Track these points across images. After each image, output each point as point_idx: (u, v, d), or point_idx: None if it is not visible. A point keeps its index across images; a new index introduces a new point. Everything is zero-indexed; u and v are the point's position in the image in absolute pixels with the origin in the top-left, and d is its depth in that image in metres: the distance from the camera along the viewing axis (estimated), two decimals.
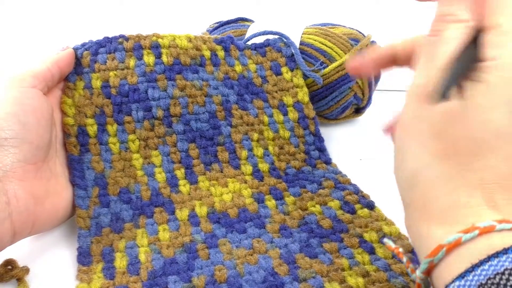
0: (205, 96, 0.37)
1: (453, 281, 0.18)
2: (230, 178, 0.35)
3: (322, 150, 0.39)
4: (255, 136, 0.37)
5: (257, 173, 0.36)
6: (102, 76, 0.34)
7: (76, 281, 0.28)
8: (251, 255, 0.29)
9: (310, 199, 0.34)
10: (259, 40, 0.42)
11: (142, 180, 0.33)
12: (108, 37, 0.35)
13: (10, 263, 0.28)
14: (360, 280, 0.27)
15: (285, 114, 0.39)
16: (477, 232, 0.19)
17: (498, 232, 0.19)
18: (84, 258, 0.29)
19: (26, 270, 0.28)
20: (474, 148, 0.20)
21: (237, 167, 0.36)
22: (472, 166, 0.20)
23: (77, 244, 0.30)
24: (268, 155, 0.37)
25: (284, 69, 0.41)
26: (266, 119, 0.38)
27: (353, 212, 0.33)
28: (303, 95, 0.40)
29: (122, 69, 0.35)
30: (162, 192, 0.33)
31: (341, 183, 0.35)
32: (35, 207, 0.27)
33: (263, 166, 0.36)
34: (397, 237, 0.30)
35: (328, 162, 0.39)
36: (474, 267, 0.18)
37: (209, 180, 0.34)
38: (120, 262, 0.29)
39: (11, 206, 0.26)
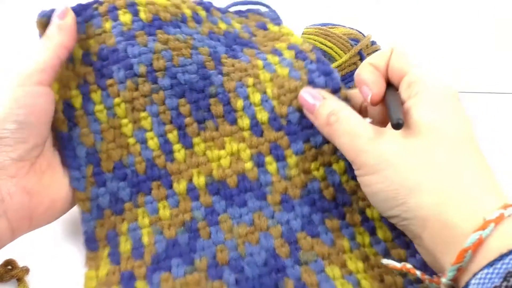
0: (191, 49, 0.33)
1: (481, 269, 0.19)
2: (227, 136, 0.32)
3: (328, 74, 0.32)
4: (250, 81, 0.33)
5: (255, 127, 0.32)
6: (82, 45, 0.32)
7: (84, 268, 0.28)
8: (252, 233, 0.29)
9: (313, 158, 0.31)
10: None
11: (134, 149, 0.31)
12: (81, 4, 0.33)
13: (10, 263, 0.28)
14: (360, 265, 0.28)
15: (280, 55, 0.34)
16: (493, 225, 0.20)
17: (509, 218, 0.20)
18: (90, 243, 0.29)
19: (26, 270, 0.28)
20: (447, 161, 0.23)
21: (233, 121, 0.32)
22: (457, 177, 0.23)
23: (82, 229, 0.30)
24: (266, 100, 0.32)
25: (270, 25, 0.38)
26: (260, 62, 0.33)
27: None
28: (296, 39, 0.36)
29: (100, 34, 0.32)
30: (156, 162, 0.31)
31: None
32: (30, 202, 0.27)
33: (262, 116, 0.32)
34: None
35: (336, 89, 0.31)
36: (502, 256, 0.19)
37: (205, 141, 0.32)
38: (124, 246, 0.29)
39: (6, 204, 0.26)
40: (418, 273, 0.24)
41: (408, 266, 0.24)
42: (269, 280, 0.28)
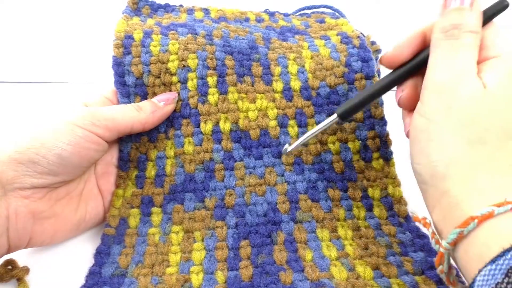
0: (246, 33, 0.37)
1: (485, 266, 0.19)
2: (260, 93, 0.34)
3: (366, 60, 0.34)
4: (292, 56, 0.35)
5: (287, 92, 0.34)
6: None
7: (115, 188, 0.32)
8: (260, 185, 0.32)
9: (332, 132, 0.34)
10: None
11: (175, 89, 0.34)
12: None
13: (10, 263, 0.28)
14: (349, 233, 0.31)
15: (327, 39, 0.37)
16: (510, 206, 0.20)
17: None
18: (124, 163, 0.33)
19: (26, 270, 0.28)
20: (504, 133, 0.22)
21: (269, 83, 0.34)
22: (506, 149, 0.22)
23: (119, 148, 0.33)
24: (302, 72, 0.35)
25: (327, 19, 0.41)
26: (306, 44, 0.37)
27: (369, 160, 0.33)
28: (348, 28, 0.39)
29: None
30: (190, 102, 0.33)
31: (371, 118, 0.34)
32: (33, 226, 0.27)
33: (295, 84, 0.34)
34: (397, 201, 0.32)
35: (369, 75, 0.34)
36: (505, 252, 0.19)
37: (239, 92, 0.34)
38: (150, 171, 0.33)
39: (10, 222, 0.26)
40: (430, 230, 0.24)
41: (427, 221, 0.24)
42: (265, 230, 0.30)
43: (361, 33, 0.45)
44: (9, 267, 0.28)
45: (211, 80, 0.34)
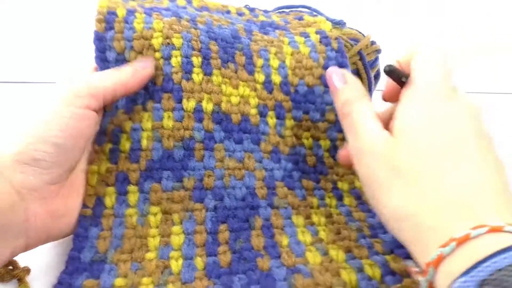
0: (229, 23, 0.37)
1: (460, 276, 0.19)
2: (242, 81, 0.35)
3: (342, 66, 0.36)
4: (273, 50, 0.36)
5: (268, 84, 0.35)
6: None
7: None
8: (240, 169, 0.32)
9: (306, 129, 0.36)
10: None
11: (158, 64, 0.32)
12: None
13: (11, 263, 0.28)
14: (322, 219, 0.32)
15: (307, 37, 0.38)
16: (454, 243, 0.20)
17: (477, 238, 0.20)
18: (100, 136, 0.31)
19: (27, 270, 0.28)
20: (432, 169, 0.23)
21: (251, 73, 0.35)
22: (441, 184, 0.22)
23: (101, 125, 0.31)
24: (283, 68, 0.36)
25: (305, 16, 0.42)
26: (286, 39, 0.38)
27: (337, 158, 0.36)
28: (326, 26, 0.39)
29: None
30: (173, 77, 0.32)
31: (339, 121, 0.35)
32: (51, 224, 0.27)
33: (276, 78, 0.36)
34: (362, 191, 0.35)
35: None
36: (478, 263, 0.19)
37: (223, 76, 0.34)
38: (124, 144, 0.31)
39: (29, 224, 0.26)
40: (415, 271, 0.25)
41: (410, 264, 0.26)
42: (243, 214, 0.31)
43: (358, 31, 0.46)
44: (10, 267, 0.28)
45: (196, 60, 0.33)
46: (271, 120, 0.35)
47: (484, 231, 0.20)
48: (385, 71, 0.27)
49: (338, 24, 0.40)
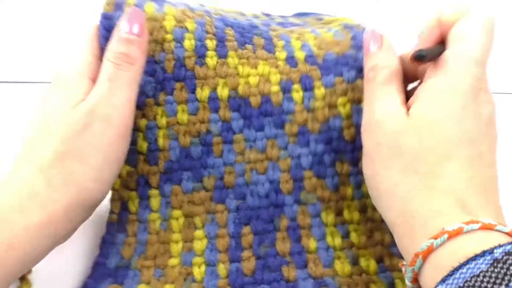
0: (246, 20, 0.35)
1: (436, 286, 0.19)
2: (262, 60, 0.31)
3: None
4: (295, 35, 0.33)
5: (291, 60, 0.31)
6: None
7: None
8: (262, 161, 0.30)
9: (343, 93, 0.30)
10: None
11: (169, 46, 0.30)
12: None
13: None
14: (356, 216, 0.29)
15: (329, 29, 0.35)
16: (446, 236, 0.20)
17: (469, 233, 0.20)
18: None
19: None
20: (435, 159, 0.23)
21: (271, 51, 0.32)
22: (440, 174, 0.22)
23: None
24: (306, 46, 0.32)
25: (325, 17, 0.39)
26: (308, 29, 0.35)
27: None
28: (349, 21, 0.36)
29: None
30: (186, 63, 0.30)
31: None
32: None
33: (299, 54, 0.32)
34: None
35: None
36: (454, 271, 0.19)
37: (239, 58, 0.31)
38: (142, 144, 0.30)
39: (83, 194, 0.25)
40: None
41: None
42: (266, 214, 0.29)
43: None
44: None
45: (210, 43, 0.30)
46: (297, 94, 0.30)
47: (476, 227, 0.20)
48: (416, 58, 0.24)
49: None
